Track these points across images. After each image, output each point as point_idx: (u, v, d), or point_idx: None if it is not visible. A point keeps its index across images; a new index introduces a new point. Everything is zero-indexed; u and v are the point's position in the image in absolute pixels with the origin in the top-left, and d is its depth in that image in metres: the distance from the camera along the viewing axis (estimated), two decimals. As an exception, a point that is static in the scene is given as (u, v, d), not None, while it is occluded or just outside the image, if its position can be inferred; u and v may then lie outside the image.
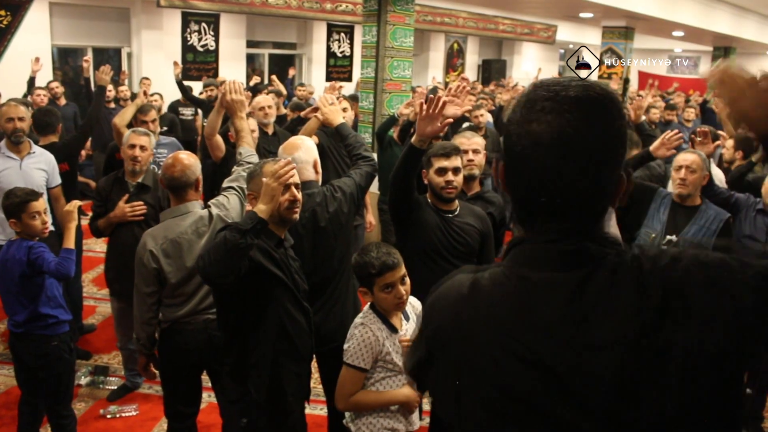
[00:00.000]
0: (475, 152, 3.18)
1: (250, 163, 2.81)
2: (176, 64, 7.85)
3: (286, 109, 6.44)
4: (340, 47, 12.75)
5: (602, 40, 10.74)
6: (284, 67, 12.11)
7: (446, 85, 12.93)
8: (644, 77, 17.35)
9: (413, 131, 2.70)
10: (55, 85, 7.49)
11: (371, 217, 4.89)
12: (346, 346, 2.22)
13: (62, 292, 2.93)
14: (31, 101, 6.34)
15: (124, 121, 4.18)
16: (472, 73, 15.95)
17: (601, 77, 10.41)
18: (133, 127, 3.83)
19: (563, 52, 19.60)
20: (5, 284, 2.79)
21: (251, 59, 12.25)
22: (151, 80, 8.50)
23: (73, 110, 7.49)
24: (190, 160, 2.68)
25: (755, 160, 4.28)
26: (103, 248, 3.66)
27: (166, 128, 5.89)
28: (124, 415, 3.46)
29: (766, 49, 15.80)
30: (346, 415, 2.31)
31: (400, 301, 2.20)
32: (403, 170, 2.65)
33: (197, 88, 8.78)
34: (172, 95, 8.23)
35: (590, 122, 0.88)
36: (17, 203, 2.77)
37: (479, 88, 10.95)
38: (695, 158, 3.31)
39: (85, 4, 9.62)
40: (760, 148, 4.25)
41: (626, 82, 10.61)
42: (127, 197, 3.36)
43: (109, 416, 3.44)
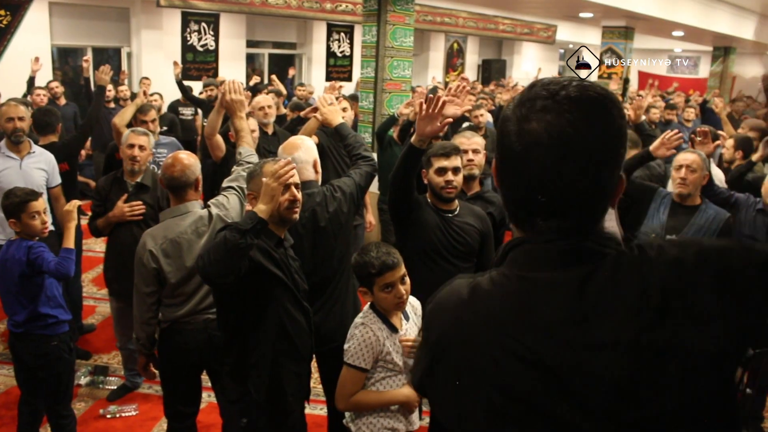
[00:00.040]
0: (474, 152, 3.18)
1: (249, 162, 2.81)
2: (176, 64, 7.84)
3: (285, 109, 6.43)
4: (339, 47, 12.75)
5: (602, 40, 10.74)
6: (284, 66, 12.10)
7: (446, 84, 12.93)
8: (644, 77, 17.36)
9: (413, 131, 2.70)
10: (54, 84, 7.48)
11: (371, 216, 4.89)
12: (346, 346, 2.22)
13: (62, 291, 2.93)
14: (30, 101, 6.33)
15: (123, 120, 4.18)
16: (471, 72, 15.95)
17: (601, 77, 10.41)
18: (132, 126, 3.83)
19: (563, 52, 19.61)
20: (5, 284, 2.79)
21: (251, 59, 12.25)
22: (150, 80, 8.50)
23: (73, 110, 7.49)
24: (189, 159, 2.68)
25: (755, 159, 4.28)
26: (103, 248, 3.66)
27: (165, 128, 5.90)
28: (123, 415, 3.46)
29: (766, 49, 15.80)
30: (346, 415, 2.31)
31: (400, 300, 2.20)
32: (402, 170, 2.65)
33: (197, 88, 8.78)
34: (171, 95, 8.23)
35: (590, 122, 0.87)
36: (17, 203, 2.77)
37: (479, 88, 10.95)
38: (695, 158, 3.31)
39: (84, 3, 9.62)
40: (760, 147, 4.25)
41: (626, 82, 10.61)
42: (126, 197, 3.36)
43: (108, 416, 3.44)
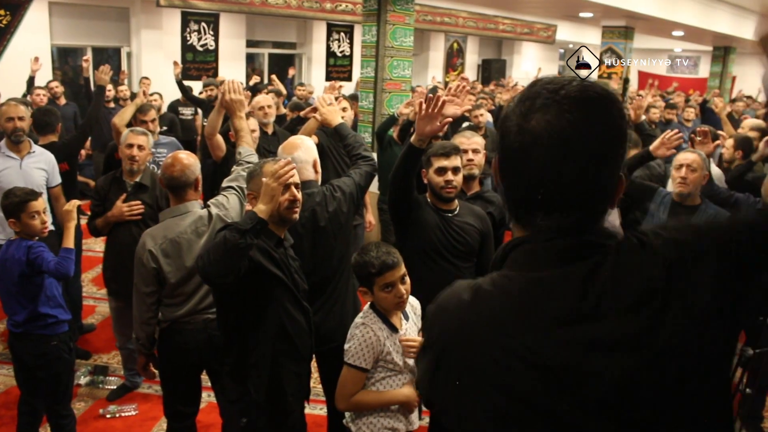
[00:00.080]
0: (474, 152, 3.17)
1: (249, 162, 2.81)
2: (176, 64, 7.84)
3: (285, 108, 6.43)
4: (339, 47, 12.75)
5: (602, 39, 10.74)
6: (284, 66, 12.11)
7: (446, 84, 12.93)
8: (644, 77, 17.36)
9: (413, 131, 2.70)
10: (54, 84, 7.48)
11: (371, 216, 4.89)
12: (347, 346, 2.22)
13: (62, 291, 2.93)
14: (30, 101, 6.33)
15: (123, 120, 4.18)
16: (471, 72, 15.95)
17: (601, 77, 10.41)
18: (132, 126, 3.83)
19: (563, 51, 19.61)
20: (4, 284, 2.79)
21: (251, 59, 12.25)
22: (150, 80, 8.50)
23: (72, 110, 7.49)
24: (189, 159, 2.68)
25: (755, 159, 4.28)
26: (102, 248, 3.65)
27: (165, 128, 5.89)
28: (123, 414, 3.46)
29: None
30: (346, 414, 2.30)
31: (400, 300, 2.20)
32: (402, 170, 2.65)
33: (197, 87, 8.78)
34: (171, 95, 8.23)
35: (590, 122, 0.87)
36: (16, 203, 2.77)
37: (479, 87, 10.95)
38: (695, 157, 3.31)
39: (84, 3, 9.61)
40: (760, 147, 4.25)
41: (626, 81, 10.61)
42: (124, 197, 3.36)
43: (108, 416, 3.44)
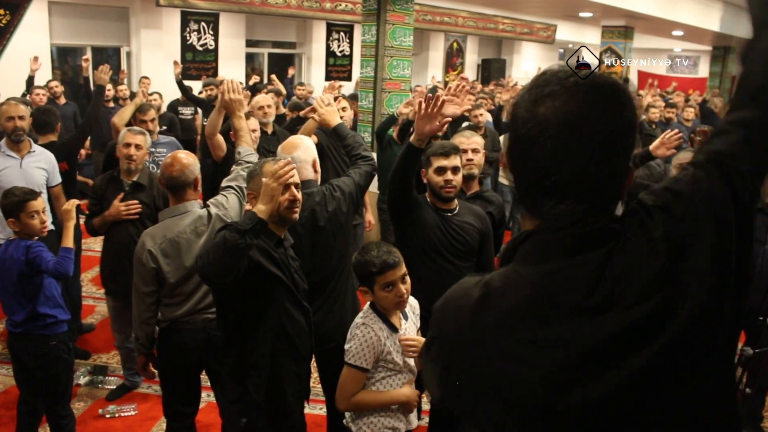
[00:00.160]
0: (474, 151, 3.17)
1: (249, 162, 2.81)
2: (176, 63, 7.85)
3: (285, 108, 6.43)
4: (339, 46, 12.75)
5: (602, 39, 10.75)
6: (284, 66, 12.11)
7: (446, 84, 12.93)
8: (644, 77, 17.35)
9: (413, 130, 2.69)
10: (54, 84, 7.47)
11: (370, 216, 4.89)
12: (347, 346, 2.21)
13: (61, 291, 2.92)
14: (30, 100, 6.33)
15: (123, 120, 4.18)
16: (471, 72, 15.95)
17: (600, 77, 10.40)
18: (132, 126, 3.82)
19: (563, 51, 19.61)
20: (3, 284, 2.78)
21: (251, 58, 12.25)
22: (150, 79, 8.50)
23: (72, 109, 7.48)
24: (188, 159, 2.68)
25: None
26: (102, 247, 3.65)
27: (165, 127, 5.89)
28: (123, 414, 3.46)
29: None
30: (346, 414, 2.30)
31: (400, 299, 2.20)
32: (401, 169, 2.65)
33: (196, 87, 8.77)
34: (171, 94, 8.23)
35: (599, 108, 0.87)
36: (16, 202, 2.77)
37: (479, 87, 10.94)
38: (695, 157, 3.30)
39: (84, 3, 9.61)
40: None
41: (626, 81, 10.61)
42: (122, 196, 3.36)
43: (108, 416, 3.44)
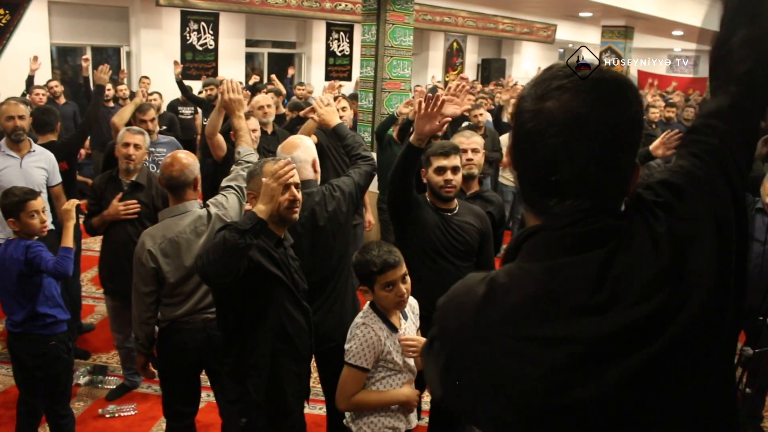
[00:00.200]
0: (474, 151, 3.17)
1: (248, 162, 2.81)
2: (176, 63, 7.85)
3: (285, 108, 6.43)
4: (339, 46, 12.75)
5: (602, 39, 10.75)
6: (283, 66, 12.11)
7: (446, 84, 12.93)
8: (644, 77, 17.34)
9: (412, 130, 2.69)
10: (54, 84, 7.47)
11: (370, 216, 4.89)
12: (347, 346, 2.21)
13: (61, 291, 2.92)
14: (29, 100, 6.32)
15: (122, 120, 4.17)
16: (471, 72, 15.94)
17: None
18: (132, 126, 3.82)
19: (563, 51, 19.60)
20: (3, 284, 2.78)
21: (250, 58, 12.25)
22: (150, 79, 8.50)
23: (72, 109, 7.48)
24: (188, 159, 2.68)
25: (755, 158, 4.28)
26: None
27: (165, 127, 5.89)
28: (122, 414, 3.46)
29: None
30: (346, 414, 2.30)
31: (401, 299, 2.20)
32: (401, 169, 2.65)
33: (196, 87, 8.77)
34: (171, 94, 8.23)
35: (606, 103, 0.86)
36: (15, 202, 2.76)
37: (479, 87, 10.95)
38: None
39: (84, 3, 9.61)
40: (758, 147, 4.25)
41: (626, 81, 10.61)
42: (120, 195, 3.36)
43: (107, 416, 3.44)
